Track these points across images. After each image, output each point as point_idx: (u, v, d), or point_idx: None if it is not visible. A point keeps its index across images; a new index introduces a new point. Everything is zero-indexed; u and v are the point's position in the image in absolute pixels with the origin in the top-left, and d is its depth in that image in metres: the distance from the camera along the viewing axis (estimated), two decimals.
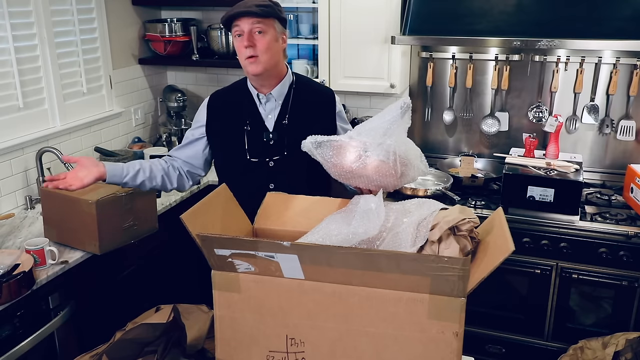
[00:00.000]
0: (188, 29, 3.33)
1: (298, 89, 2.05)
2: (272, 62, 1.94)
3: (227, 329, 1.31)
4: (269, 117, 2.03)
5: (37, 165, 2.66)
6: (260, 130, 2.02)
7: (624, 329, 2.46)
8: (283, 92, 2.03)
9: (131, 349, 1.53)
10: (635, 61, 2.75)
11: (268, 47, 1.90)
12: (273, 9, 1.91)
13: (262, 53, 1.90)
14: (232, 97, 2.09)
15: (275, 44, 1.93)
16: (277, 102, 2.03)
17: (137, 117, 3.42)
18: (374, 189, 1.75)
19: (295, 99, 2.04)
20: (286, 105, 2.03)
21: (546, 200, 2.52)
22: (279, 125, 2.02)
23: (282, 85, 2.02)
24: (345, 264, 1.17)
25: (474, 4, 2.68)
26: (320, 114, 2.06)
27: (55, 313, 2.14)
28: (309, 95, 2.07)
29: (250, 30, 1.88)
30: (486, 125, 3.06)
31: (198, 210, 1.42)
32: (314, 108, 2.06)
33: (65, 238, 2.23)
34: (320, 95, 2.10)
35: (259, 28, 1.88)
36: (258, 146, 2.02)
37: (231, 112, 2.06)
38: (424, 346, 1.18)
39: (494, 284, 2.59)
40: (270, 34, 1.90)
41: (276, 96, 2.02)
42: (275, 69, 1.98)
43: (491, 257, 1.25)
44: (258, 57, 1.90)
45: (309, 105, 2.05)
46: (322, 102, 2.08)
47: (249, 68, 1.93)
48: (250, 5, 1.88)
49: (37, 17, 2.63)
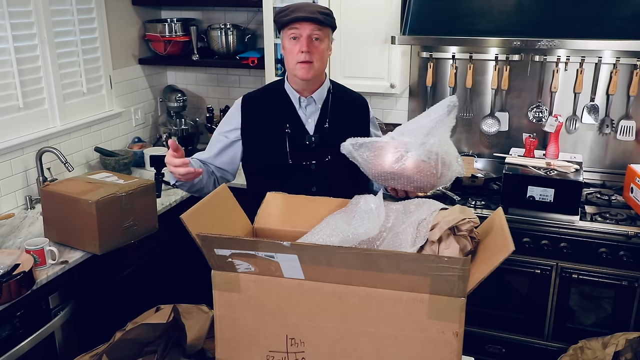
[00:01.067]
0: (188, 29, 3.33)
1: (335, 94, 2.06)
2: (322, 69, 1.96)
3: (227, 329, 1.31)
4: (309, 120, 2.02)
5: (37, 165, 2.66)
6: (301, 133, 2.00)
7: (624, 329, 2.46)
8: (322, 96, 2.03)
9: (131, 349, 1.53)
10: (635, 61, 2.75)
11: (322, 55, 1.92)
12: (332, 18, 1.93)
13: (316, 60, 1.91)
14: (268, 100, 2.05)
15: (326, 52, 1.95)
16: (317, 105, 2.02)
17: (137, 117, 3.42)
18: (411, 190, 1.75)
19: (334, 104, 2.04)
20: (325, 109, 2.03)
21: (546, 200, 2.52)
22: (321, 129, 2.01)
23: (322, 90, 2.02)
24: (345, 264, 1.17)
25: (474, 4, 2.68)
26: (356, 120, 2.08)
27: (55, 313, 2.14)
28: (345, 101, 2.09)
29: (309, 36, 1.88)
30: (486, 125, 3.06)
31: (198, 210, 1.42)
32: (351, 113, 2.08)
33: (65, 238, 2.23)
34: (356, 101, 2.13)
35: (318, 35, 1.89)
36: (299, 149, 1.99)
37: (268, 114, 2.02)
38: (424, 346, 1.18)
39: (494, 284, 2.60)
40: (325, 43, 1.92)
41: (317, 100, 2.02)
42: (321, 76, 2.00)
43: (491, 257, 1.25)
44: (312, 64, 1.90)
45: (346, 110, 2.06)
46: (358, 108, 2.11)
47: (300, 72, 1.92)
48: (314, 12, 1.87)
49: (37, 17, 2.63)
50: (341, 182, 1.97)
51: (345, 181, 1.98)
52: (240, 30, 3.30)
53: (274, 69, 3.08)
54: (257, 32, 3.38)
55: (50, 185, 2.31)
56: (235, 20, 3.40)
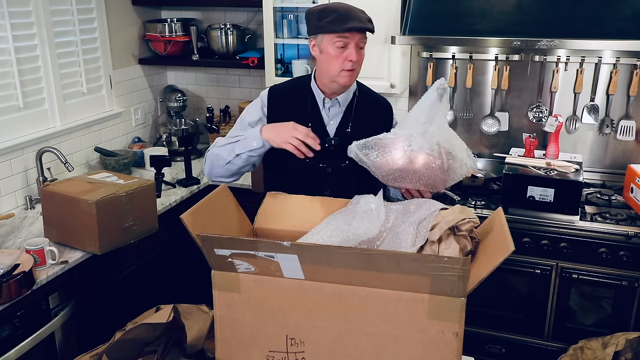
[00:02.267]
0: (188, 29, 3.33)
1: (360, 98, 2.03)
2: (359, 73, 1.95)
3: (227, 329, 1.31)
4: (331, 122, 2.00)
5: (37, 165, 2.66)
6: (320, 134, 1.92)
7: (624, 329, 2.46)
8: (347, 99, 2.00)
9: (131, 349, 1.53)
10: (635, 61, 2.75)
11: (362, 62, 1.91)
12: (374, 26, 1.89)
13: (358, 67, 1.90)
14: (294, 96, 2.02)
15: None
16: (341, 108, 2.00)
17: (137, 117, 3.42)
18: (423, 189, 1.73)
19: (358, 108, 2.01)
20: (349, 112, 2.00)
21: (546, 200, 2.52)
22: (342, 132, 1.98)
23: (348, 92, 2.00)
24: (345, 264, 1.17)
25: (474, 4, 2.68)
26: (380, 125, 1.98)
27: (55, 313, 2.14)
28: (370, 105, 2.05)
29: (357, 45, 1.86)
30: (486, 125, 3.06)
31: (198, 210, 1.42)
32: (374, 118, 2.03)
33: (65, 238, 2.23)
34: (381, 105, 2.08)
35: (363, 44, 1.88)
36: (317, 151, 1.90)
37: (292, 111, 1.98)
38: (424, 346, 1.18)
39: (494, 284, 2.60)
40: (364, 50, 1.90)
41: (341, 102, 1.99)
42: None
43: (491, 257, 1.25)
44: (354, 70, 1.89)
45: (370, 114, 2.03)
46: (382, 112, 2.07)
47: (344, 80, 1.90)
48: (365, 20, 1.85)
49: (37, 17, 2.63)
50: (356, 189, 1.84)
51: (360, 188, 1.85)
52: (240, 30, 3.30)
53: (274, 69, 3.08)
54: (257, 32, 3.38)
55: (50, 185, 2.31)
56: (235, 20, 3.40)
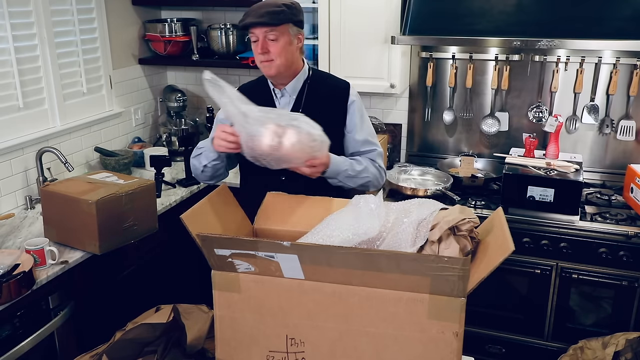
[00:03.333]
0: (188, 29, 3.33)
1: (313, 84, 2.09)
2: (286, 64, 1.99)
3: (227, 329, 1.31)
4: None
5: (37, 165, 2.66)
6: None
7: (624, 329, 2.46)
8: (297, 88, 2.08)
9: (131, 349, 1.53)
10: (635, 61, 2.75)
11: (281, 52, 1.95)
12: (285, 14, 1.93)
13: (276, 57, 1.96)
14: (254, 91, 2.11)
15: (289, 47, 1.98)
16: (291, 97, 2.08)
17: (137, 117, 3.42)
18: (294, 168, 1.80)
19: (309, 94, 2.08)
20: (300, 100, 2.07)
21: (546, 200, 2.52)
22: None
23: (296, 81, 2.07)
24: (345, 264, 1.17)
25: (474, 4, 2.68)
26: (332, 107, 2.08)
27: (55, 313, 2.14)
28: (322, 90, 2.10)
29: (264, 38, 1.94)
30: (486, 125, 3.06)
31: (198, 210, 1.42)
32: (326, 102, 2.08)
33: (65, 238, 2.22)
34: (334, 88, 2.12)
35: (272, 36, 1.93)
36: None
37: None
38: (424, 346, 1.18)
39: (494, 284, 2.60)
40: (283, 39, 1.95)
41: (290, 91, 2.08)
42: (290, 69, 2.03)
43: (491, 257, 1.25)
44: (272, 61, 1.96)
45: (322, 99, 2.08)
46: (335, 95, 2.10)
47: (264, 70, 2.01)
48: (263, 14, 1.90)
49: (37, 17, 2.63)
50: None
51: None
52: (240, 30, 3.30)
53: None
54: None
55: (50, 185, 2.31)
56: (235, 20, 3.39)
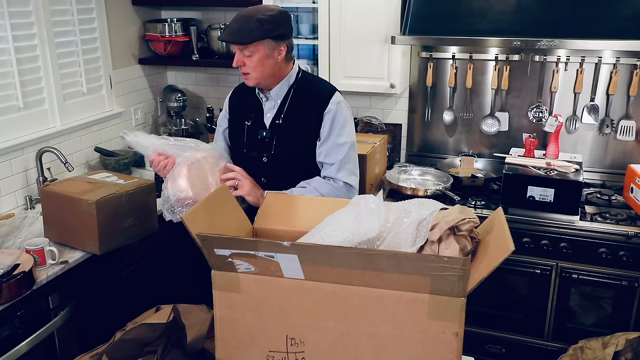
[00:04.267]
0: (188, 29, 3.33)
1: (298, 90, 2.11)
2: (263, 76, 2.03)
3: (227, 329, 1.31)
4: (268, 115, 2.13)
5: (37, 165, 2.66)
6: (258, 127, 2.13)
7: (624, 329, 2.46)
8: (281, 93, 2.10)
9: (131, 349, 1.53)
10: (635, 61, 2.75)
11: (256, 67, 1.99)
12: (258, 32, 1.93)
13: (252, 71, 2.01)
14: (245, 94, 2.21)
15: (267, 60, 2.00)
16: (276, 101, 2.11)
17: (137, 117, 3.42)
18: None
19: (294, 99, 2.10)
20: (283, 105, 2.11)
21: (546, 200, 2.52)
22: (273, 124, 2.11)
23: (280, 86, 2.10)
24: (345, 264, 1.17)
25: (474, 4, 2.68)
26: (311, 114, 2.08)
27: (55, 313, 2.14)
28: (306, 95, 2.11)
29: (240, 52, 1.99)
30: (486, 125, 3.06)
31: (198, 210, 1.42)
32: (308, 108, 2.09)
33: (65, 238, 2.22)
34: (316, 95, 2.10)
35: (246, 52, 1.97)
36: (254, 141, 2.13)
37: (242, 106, 2.20)
38: (424, 346, 1.18)
39: (494, 284, 2.59)
40: (258, 55, 1.97)
41: (274, 96, 2.11)
42: (271, 78, 2.06)
43: (491, 257, 1.25)
44: (250, 74, 2.02)
45: (303, 105, 2.09)
46: (316, 102, 2.08)
47: (245, 81, 2.08)
48: (236, 31, 1.94)
49: (37, 17, 2.63)
50: (287, 177, 2.07)
51: (290, 176, 2.07)
52: None
53: None
54: None
55: (50, 185, 2.31)
56: None
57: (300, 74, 2.13)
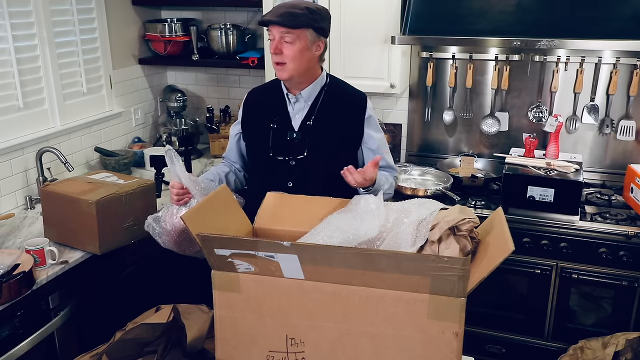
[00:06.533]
0: (188, 29, 3.33)
1: (330, 92, 2.05)
2: (299, 69, 1.94)
3: (227, 329, 1.31)
4: (296, 116, 2.04)
5: (37, 165, 2.66)
6: (285, 129, 2.04)
7: (624, 329, 2.46)
8: (313, 94, 2.04)
9: (131, 349, 1.53)
10: (635, 61, 2.75)
11: (295, 56, 1.90)
12: (306, 18, 1.88)
13: (289, 61, 1.91)
14: (266, 95, 2.13)
15: (306, 52, 1.92)
16: (306, 103, 2.04)
17: (137, 117, 3.42)
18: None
19: (325, 101, 2.04)
20: (314, 106, 2.04)
21: (546, 200, 2.52)
22: (304, 126, 2.03)
23: (312, 87, 2.03)
24: (345, 264, 1.17)
25: (474, 4, 2.68)
26: (348, 118, 2.05)
27: (55, 313, 2.14)
28: (339, 99, 2.06)
29: (280, 38, 1.89)
30: (486, 125, 3.06)
31: (198, 210, 1.42)
32: (342, 111, 2.05)
33: (65, 238, 2.22)
34: (351, 99, 2.08)
35: (288, 38, 1.89)
36: (281, 144, 2.04)
37: (263, 109, 2.10)
38: (424, 346, 1.18)
39: (494, 284, 2.59)
40: (299, 44, 1.90)
41: (305, 97, 2.03)
42: (305, 75, 1.99)
43: (491, 257, 1.25)
44: (286, 65, 1.92)
45: (337, 108, 2.04)
46: (351, 106, 2.06)
47: (277, 73, 1.97)
48: (283, 14, 1.87)
49: (37, 17, 2.63)
50: (317, 180, 1.99)
51: (321, 180, 2.00)
52: (240, 30, 3.30)
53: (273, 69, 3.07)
54: (257, 32, 3.38)
55: (50, 185, 2.31)
56: (235, 20, 3.39)
57: (329, 77, 2.09)
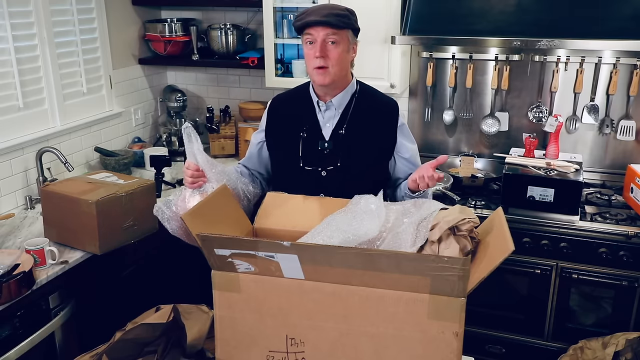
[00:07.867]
0: (188, 29, 3.33)
1: (360, 99, 1.98)
2: (341, 73, 1.89)
3: (227, 329, 1.31)
4: (327, 125, 1.96)
5: (37, 165, 2.66)
6: (316, 138, 1.96)
7: (624, 329, 2.46)
8: (344, 102, 1.96)
9: (131, 349, 1.53)
10: (635, 61, 2.75)
11: (339, 59, 1.84)
12: (350, 19, 1.85)
13: (333, 65, 1.84)
14: (293, 102, 2.04)
15: (346, 55, 1.87)
16: (337, 110, 1.96)
17: (137, 117, 3.42)
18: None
19: (356, 109, 1.96)
20: (346, 114, 1.95)
21: (546, 200, 2.52)
22: (336, 135, 1.95)
23: (344, 94, 1.95)
24: (345, 264, 1.17)
25: (474, 4, 2.68)
26: (380, 126, 1.97)
27: (55, 313, 2.14)
28: (370, 106, 1.98)
29: (324, 40, 1.82)
30: (486, 125, 3.06)
31: (198, 210, 1.42)
32: (374, 119, 1.97)
33: (65, 238, 2.22)
34: (383, 106, 2.00)
35: (333, 39, 1.82)
36: (312, 154, 1.95)
37: (290, 117, 2.01)
38: (424, 346, 1.18)
39: (494, 284, 2.59)
40: (342, 45, 1.84)
41: (336, 105, 1.95)
42: (342, 80, 1.93)
43: (491, 257, 1.25)
44: (328, 69, 1.84)
45: (369, 116, 1.97)
46: (383, 113, 1.99)
47: (317, 78, 1.87)
48: (328, 14, 1.80)
49: (37, 17, 2.63)
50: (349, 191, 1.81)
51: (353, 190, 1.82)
52: (240, 30, 3.30)
53: (273, 69, 3.08)
54: (257, 32, 3.38)
55: (50, 185, 2.31)
56: (235, 20, 3.39)
57: (359, 84, 2.01)
